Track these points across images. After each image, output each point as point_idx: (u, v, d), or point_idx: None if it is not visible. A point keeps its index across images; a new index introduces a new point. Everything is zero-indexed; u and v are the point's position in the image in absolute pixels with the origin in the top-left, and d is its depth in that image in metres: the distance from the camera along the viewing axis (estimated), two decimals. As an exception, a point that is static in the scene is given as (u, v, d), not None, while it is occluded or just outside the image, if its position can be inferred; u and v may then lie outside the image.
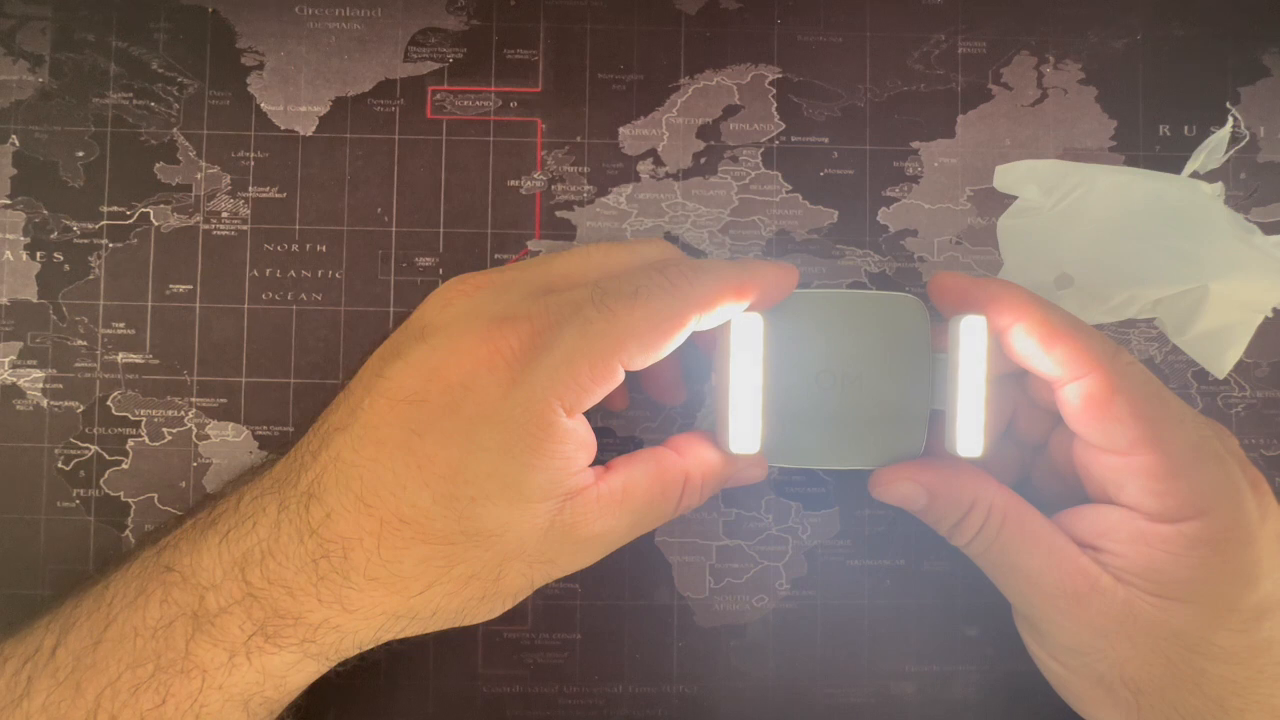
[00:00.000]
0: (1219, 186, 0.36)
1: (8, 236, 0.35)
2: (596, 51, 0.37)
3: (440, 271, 0.36)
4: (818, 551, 0.36)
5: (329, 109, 0.36)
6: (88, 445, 0.35)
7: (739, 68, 0.37)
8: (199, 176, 0.36)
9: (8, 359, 0.35)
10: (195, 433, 0.35)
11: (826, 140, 0.37)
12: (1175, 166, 0.37)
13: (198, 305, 0.35)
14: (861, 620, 0.36)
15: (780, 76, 0.37)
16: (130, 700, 0.26)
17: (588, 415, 0.28)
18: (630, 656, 0.35)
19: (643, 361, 0.27)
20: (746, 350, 0.29)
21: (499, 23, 0.37)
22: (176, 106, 0.36)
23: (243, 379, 0.35)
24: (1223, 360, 0.36)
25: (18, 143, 0.35)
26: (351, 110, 0.36)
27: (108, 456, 0.35)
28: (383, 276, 0.36)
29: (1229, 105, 0.37)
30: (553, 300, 0.28)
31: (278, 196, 0.36)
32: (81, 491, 0.35)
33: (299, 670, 0.28)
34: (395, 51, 0.36)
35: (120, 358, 0.35)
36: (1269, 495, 0.28)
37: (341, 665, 0.29)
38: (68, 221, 0.35)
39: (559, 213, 0.36)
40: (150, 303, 0.35)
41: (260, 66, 0.36)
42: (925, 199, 0.37)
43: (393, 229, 0.36)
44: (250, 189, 0.36)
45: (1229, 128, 0.36)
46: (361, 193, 0.36)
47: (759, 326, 0.29)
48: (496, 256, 0.36)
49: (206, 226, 0.36)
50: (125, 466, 0.35)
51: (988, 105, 0.37)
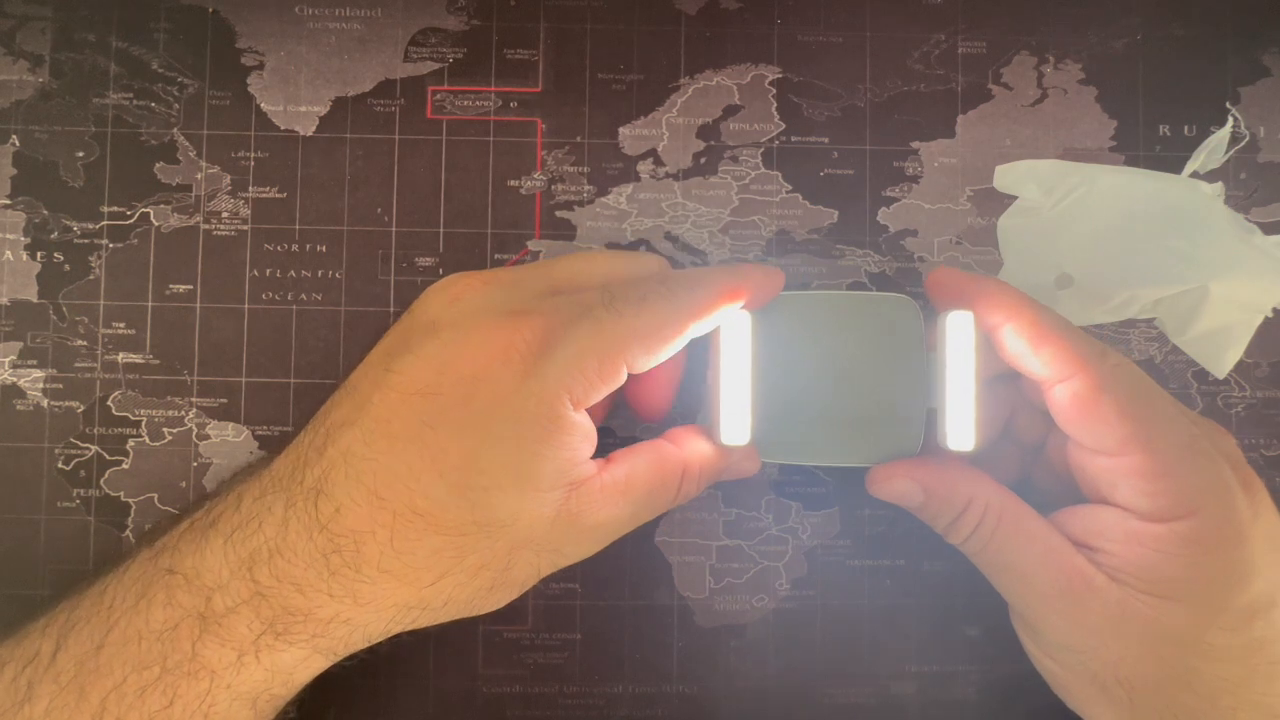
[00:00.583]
0: (1219, 186, 0.36)
1: (8, 236, 0.35)
2: (596, 51, 0.37)
3: (440, 271, 0.36)
4: (818, 551, 0.36)
5: (329, 109, 0.36)
6: (88, 445, 0.35)
7: (739, 68, 0.37)
8: (199, 176, 0.36)
9: (8, 359, 0.35)
10: (195, 433, 0.35)
11: (826, 140, 0.37)
12: (1175, 166, 0.37)
13: (198, 305, 0.35)
14: (861, 620, 0.36)
15: (780, 76, 0.37)
16: (136, 703, 0.26)
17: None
18: (630, 656, 0.35)
19: (644, 363, 0.28)
20: (735, 346, 0.30)
21: (499, 23, 0.37)
22: (176, 106, 0.36)
23: (243, 379, 0.35)
24: (1223, 360, 0.36)
25: (18, 143, 0.35)
26: (351, 110, 0.36)
27: (108, 456, 0.35)
28: (383, 276, 0.36)
29: (1229, 105, 0.37)
30: (563, 300, 0.29)
31: (278, 196, 0.36)
32: (81, 491, 0.35)
33: (307, 666, 0.28)
34: (395, 51, 0.36)
35: (120, 358, 0.35)
36: (1263, 495, 0.29)
37: (347, 661, 0.29)
38: (68, 221, 0.35)
39: (559, 213, 0.36)
40: (150, 303, 0.35)
41: (260, 66, 0.36)
42: (925, 199, 0.37)
43: (393, 229, 0.36)
44: (250, 189, 0.36)
45: (1229, 128, 0.36)
46: (361, 193, 0.36)
47: (746, 323, 0.30)
48: (496, 256, 0.36)
49: (207, 226, 0.36)
50: (125, 466, 0.35)
51: (988, 105, 0.37)
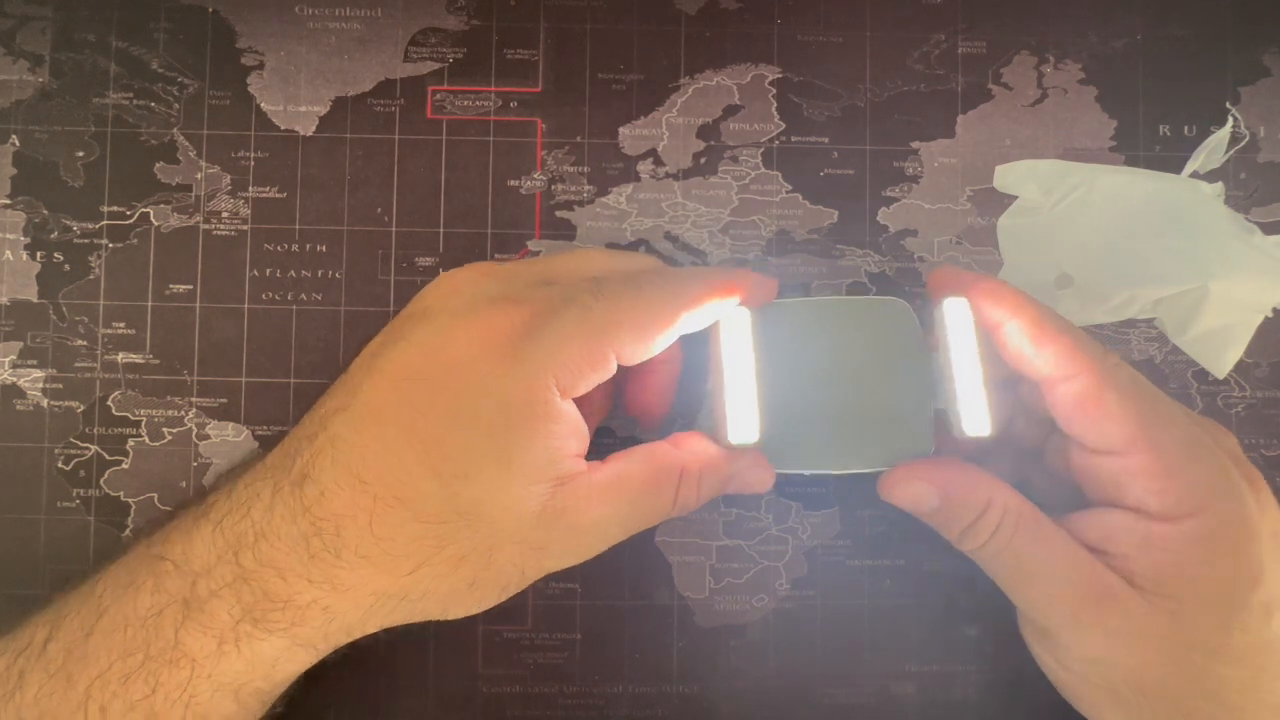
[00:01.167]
0: (1219, 186, 0.36)
1: (8, 236, 0.35)
2: (596, 51, 0.37)
3: (440, 271, 0.36)
4: (818, 551, 0.36)
5: (329, 109, 0.36)
6: (88, 445, 0.35)
7: (739, 68, 0.37)
8: (199, 176, 0.36)
9: (8, 359, 0.35)
10: (195, 433, 0.35)
11: (826, 140, 0.37)
12: (1175, 166, 0.37)
13: (198, 305, 0.35)
14: (861, 620, 0.36)
15: (780, 76, 0.37)
16: (120, 691, 0.26)
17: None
18: (630, 656, 0.35)
19: (634, 352, 0.28)
20: (737, 341, 0.29)
21: (499, 23, 0.37)
22: (176, 106, 0.36)
23: (243, 379, 0.35)
24: (1223, 360, 0.36)
25: (18, 143, 0.35)
26: (351, 110, 0.36)
27: (108, 456, 0.35)
28: (383, 276, 0.36)
29: (1229, 105, 0.37)
30: (553, 289, 0.29)
31: (278, 196, 0.36)
32: (81, 491, 0.35)
33: (289, 659, 0.28)
34: (395, 51, 0.36)
35: (120, 358, 0.35)
36: (1266, 492, 0.28)
37: (340, 661, 0.29)
38: (68, 221, 0.35)
39: (559, 213, 0.36)
40: (150, 303, 0.35)
41: (260, 66, 0.36)
42: (925, 199, 0.37)
43: (393, 229, 0.36)
44: (250, 189, 0.36)
45: (1229, 128, 0.36)
46: (361, 193, 0.36)
47: (747, 319, 0.30)
48: (496, 256, 0.36)
49: (206, 226, 0.36)
50: (125, 466, 0.35)
51: (988, 105, 0.37)
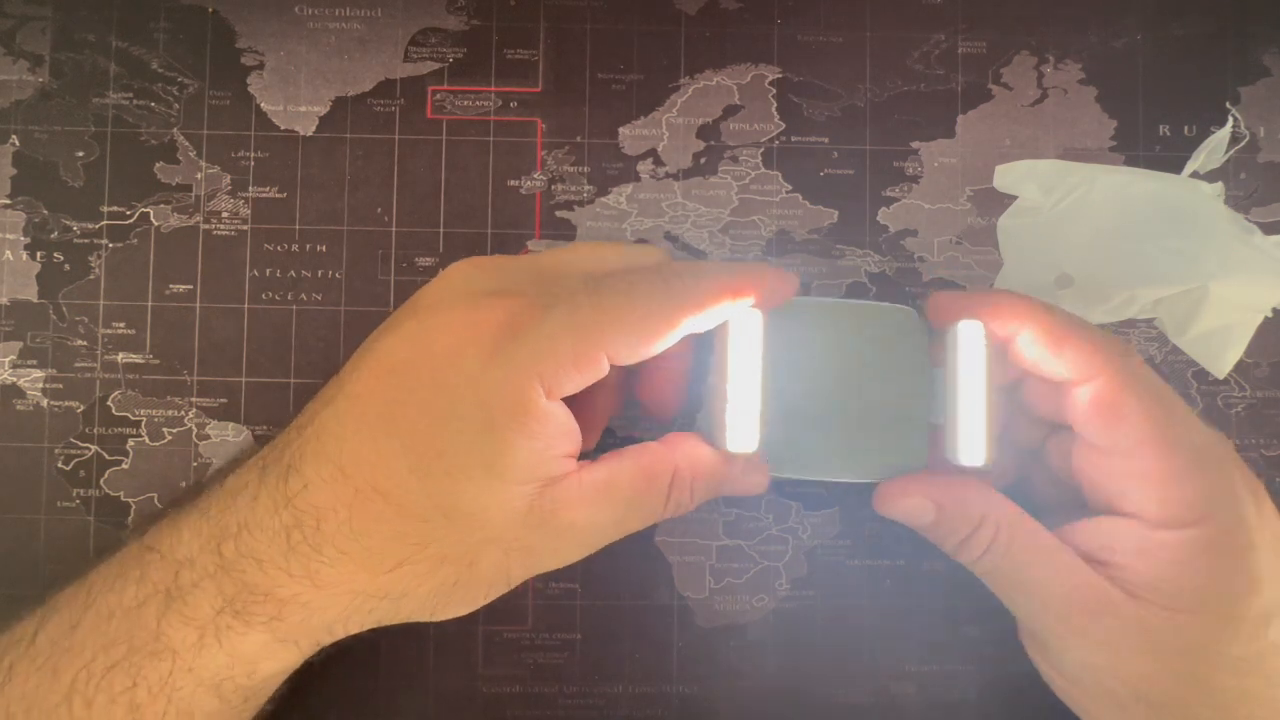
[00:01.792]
0: (1219, 186, 0.36)
1: (8, 236, 0.35)
2: (596, 51, 0.37)
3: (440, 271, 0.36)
4: (818, 551, 0.36)
5: (329, 109, 0.36)
6: (88, 445, 0.35)
7: (739, 68, 0.37)
8: (199, 176, 0.36)
9: (8, 359, 0.35)
10: (195, 433, 0.35)
11: (826, 140, 0.37)
12: (1175, 166, 0.37)
13: (198, 305, 0.35)
14: (861, 620, 0.36)
15: (780, 76, 0.37)
16: (103, 683, 0.26)
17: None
18: (630, 656, 0.35)
19: (628, 356, 0.27)
20: (745, 347, 0.28)
21: (499, 23, 0.37)
22: (176, 106, 0.36)
23: (243, 379, 0.35)
24: (1223, 360, 0.36)
25: (18, 143, 0.35)
26: (351, 110, 0.36)
27: (108, 456, 0.35)
28: (383, 276, 0.36)
29: (1229, 105, 0.37)
30: (547, 284, 0.28)
31: (278, 196, 0.36)
32: (81, 491, 0.35)
33: (270, 656, 0.27)
34: (395, 51, 0.36)
35: (120, 358, 0.35)
36: (1267, 501, 0.28)
37: (340, 661, 0.29)
38: (68, 221, 0.35)
39: (559, 213, 0.36)
40: (150, 303, 0.35)
41: (260, 66, 0.36)
42: (925, 199, 0.37)
43: (393, 229, 0.36)
44: (250, 189, 0.36)
45: (1229, 128, 0.36)
46: (361, 193, 0.36)
47: (758, 324, 0.28)
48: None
49: (206, 226, 0.36)
50: (125, 466, 0.35)
51: (988, 105, 0.37)
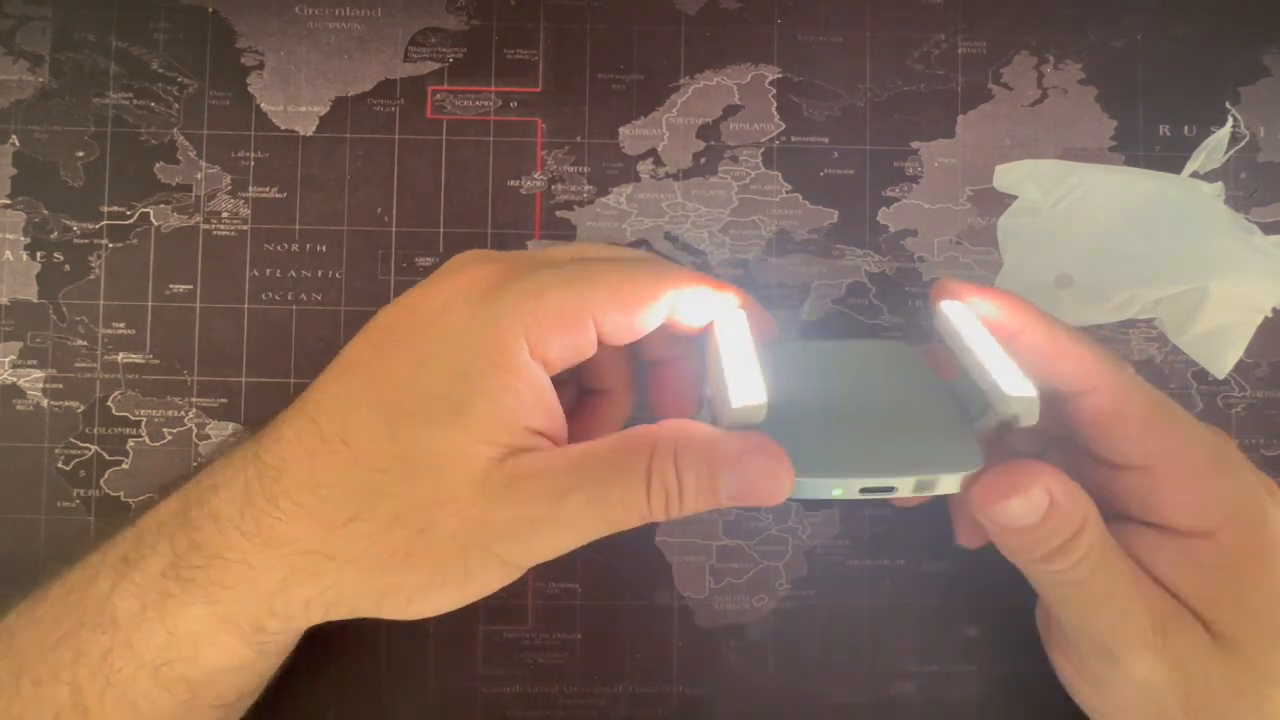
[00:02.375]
0: (1219, 186, 0.36)
1: (8, 236, 0.35)
2: (596, 51, 0.37)
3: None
4: (818, 551, 0.36)
5: (329, 109, 0.36)
6: (88, 445, 0.35)
7: (739, 68, 0.37)
8: (199, 176, 0.36)
9: (8, 359, 0.35)
10: (195, 433, 0.35)
11: (826, 140, 0.37)
12: (1175, 166, 0.37)
13: (198, 305, 0.35)
14: (861, 620, 0.36)
15: (780, 76, 0.37)
16: (51, 658, 0.26)
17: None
18: (630, 656, 0.35)
19: (614, 325, 0.26)
20: (734, 335, 0.27)
21: (499, 23, 0.37)
22: (176, 106, 0.36)
23: (243, 379, 0.35)
24: (1223, 360, 0.36)
25: (18, 143, 0.35)
26: (351, 110, 0.36)
27: (108, 456, 0.35)
28: (383, 276, 0.36)
29: (1229, 105, 0.37)
30: (541, 259, 0.29)
31: (278, 196, 0.36)
32: (81, 491, 0.35)
33: (211, 642, 0.26)
34: (395, 51, 0.36)
35: (120, 358, 0.35)
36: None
37: (340, 661, 0.29)
38: (68, 221, 0.35)
39: (559, 213, 0.36)
40: (150, 303, 0.35)
41: (260, 66, 0.36)
42: (925, 199, 0.37)
43: (393, 229, 0.36)
44: (250, 189, 0.36)
45: (1229, 128, 0.36)
46: (361, 193, 0.36)
47: (744, 319, 0.28)
48: (496, 256, 0.36)
49: (206, 226, 0.36)
50: (125, 466, 0.35)
51: (988, 105, 0.37)
